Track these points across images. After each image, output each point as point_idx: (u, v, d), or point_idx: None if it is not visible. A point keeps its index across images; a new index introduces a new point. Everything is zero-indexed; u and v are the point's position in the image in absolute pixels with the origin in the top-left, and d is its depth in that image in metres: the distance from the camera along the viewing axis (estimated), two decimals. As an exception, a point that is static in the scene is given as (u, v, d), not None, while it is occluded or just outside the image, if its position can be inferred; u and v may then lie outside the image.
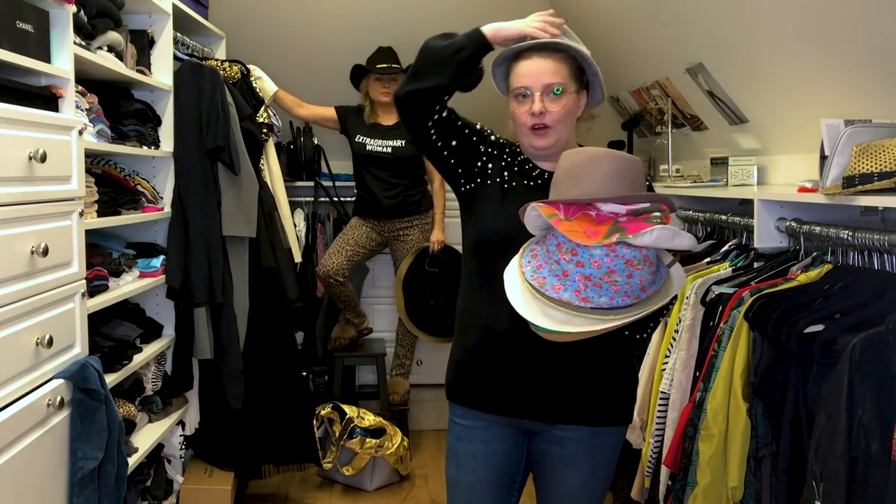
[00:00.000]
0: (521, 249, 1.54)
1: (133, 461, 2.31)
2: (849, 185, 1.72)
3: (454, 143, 1.69)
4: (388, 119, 3.73)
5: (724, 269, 2.26)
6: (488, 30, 1.65)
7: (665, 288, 1.49)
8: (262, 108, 3.10)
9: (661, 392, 2.21)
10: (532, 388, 1.63)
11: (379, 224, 3.77)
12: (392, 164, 3.70)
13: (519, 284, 1.49)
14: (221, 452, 2.94)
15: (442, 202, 3.81)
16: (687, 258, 2.50)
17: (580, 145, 1.71)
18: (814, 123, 2.03)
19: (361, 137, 3.74)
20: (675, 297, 1.64)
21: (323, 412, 3.41)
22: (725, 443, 1.91)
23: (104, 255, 2.38)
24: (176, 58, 2.77)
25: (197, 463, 2.95)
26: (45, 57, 1.94)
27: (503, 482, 1.72)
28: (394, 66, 3.64)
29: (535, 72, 1.62)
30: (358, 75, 3.73)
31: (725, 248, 2.45)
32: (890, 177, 1.64)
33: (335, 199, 4.11)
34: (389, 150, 3.69)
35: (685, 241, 1.42)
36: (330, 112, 3.81)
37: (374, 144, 3.71)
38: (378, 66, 3.65)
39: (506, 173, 1.71)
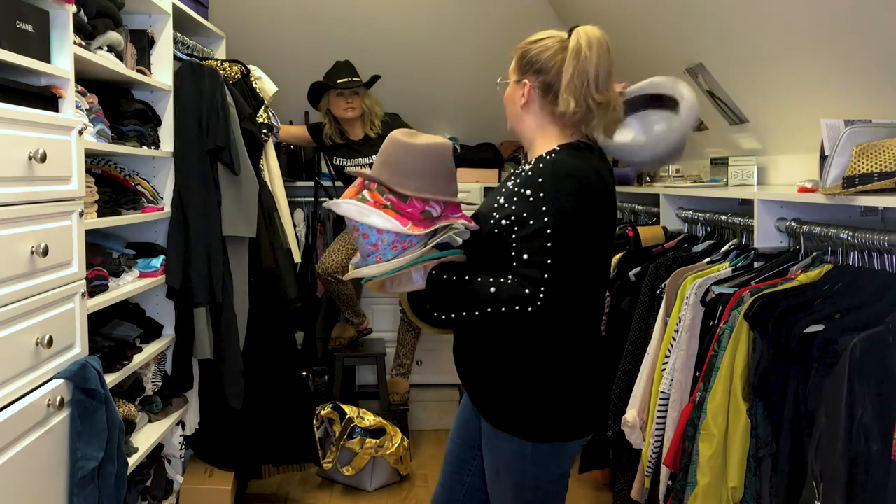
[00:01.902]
0: None
1: (133, 461, 2.31)
2: (849, 185, 1.72)
3: None
4: (356, 133, 3.71)
5: (724, 269, 2.26)
6: None
7: (397, 262, 1.62)
8: (262, 108, 3.10)
9: (661, 392, 2.21)
10: (459, 370, 1.79)
11: None
12: None
13: None
14: (221, 452, 2.94)
15: None
16: (687, 258, 2.50)
17: (582, 143, 1.70)
18: (814, 123, 2.03)
19: (339, 160, 3.75)
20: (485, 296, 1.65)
21: (323, 412, 3.41)
22: (725, 443, 1.91)
23: (104, 255, 2.38)
24: (176, 58, 2.77)
25: (197, 463, 2.95)
26: (45, 57, 1.94)
27: (464, 440, 1.87)
28: (354, 79, 3.60)
29: None
30: (317, 93, 3.68)
31: (725, 248, 2.45)
32: (890, 177, 1.64)
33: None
34: (367, 169, 3.68)
35: (374, 220, 1.60)
36: (303, 132, 3.84)
37: (350, 165, 3.70)
38: (339, 80, 3.59)
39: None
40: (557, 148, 1.67)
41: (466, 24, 4.07)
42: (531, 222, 1.55)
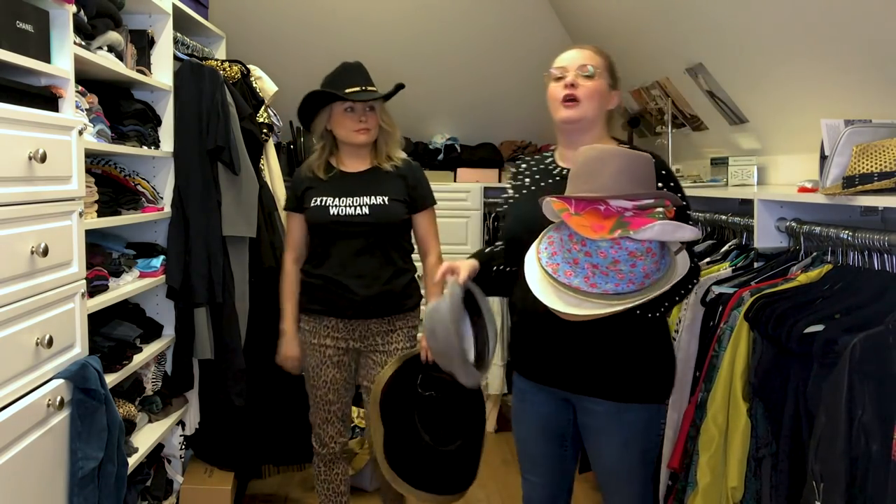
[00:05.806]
0: (540, 236, 1.65)
1: (133, 461, 2.31)
2: (849, 185, 1.72)
3: None
4: (358, 164, 2.44)
5: (724, 269, 2.26)
6: None
7: (668, 274, 1.58)
8: (262, 108, 3.10)
9: (661, 392, 2.21)
10: (559, 362, 1.81)
11: (345, 326, 2.41)
12: (372, 231, 2.36)
13: (536, 269, 1.61)
14: (221, 452, 2.94)
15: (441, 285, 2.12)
16: (687, 258, 2.50)
17: (617, 140, 1.85)
18: (814, 123, 2.03)
19: (321, 199, 2.39)
20: (690, 281, 1.74)
21: (323, 412, 3.41)
22: (725, 443, 1.91)
23: (104, 255, 2.38)
24: (176, 58, 2.77)
25: (197, 463, 2.95)
26: (45, 57, 1.94)
27: (552, 437, 1.93)
28: (369, 88, 2.40)
29: (572, 56, 1.81)
30: (310, 108, 2.42)
31: (725, 248, 2.45)
32: (890, 177, 1.64)
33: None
34: (367, 210, 2.35)
35: (687, 233, 1.52)
36: (297, 219, 2.47)
37: (341, 205, 2.36)
38: (348, 90, 2.35)
39: (536, 177, 1.91)
40: (627, 142, 1.88)
41: (467, 24, 4.08)
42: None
